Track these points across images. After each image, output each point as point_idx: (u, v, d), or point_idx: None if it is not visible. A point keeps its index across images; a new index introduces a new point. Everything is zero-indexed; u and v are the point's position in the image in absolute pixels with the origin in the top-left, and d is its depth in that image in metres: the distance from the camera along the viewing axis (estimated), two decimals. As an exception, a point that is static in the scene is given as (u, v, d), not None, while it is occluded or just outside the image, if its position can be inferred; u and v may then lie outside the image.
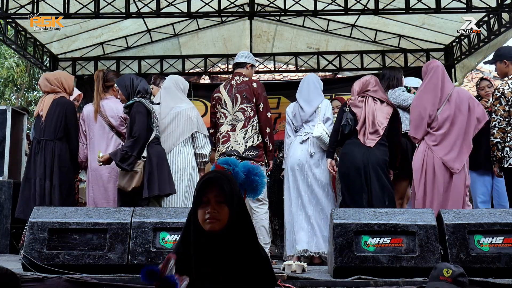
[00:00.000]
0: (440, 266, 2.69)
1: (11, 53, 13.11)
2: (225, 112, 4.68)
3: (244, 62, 4.86)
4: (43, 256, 3.32)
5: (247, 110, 4.60)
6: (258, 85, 4.67)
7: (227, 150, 4.56)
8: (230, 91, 4.71)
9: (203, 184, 2.01)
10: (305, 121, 4.79)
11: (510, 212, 3.43)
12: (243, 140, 4.55)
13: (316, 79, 5.06)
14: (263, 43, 8.46)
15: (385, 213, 3.39)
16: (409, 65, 8.19)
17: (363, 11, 6.52)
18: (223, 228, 1.97)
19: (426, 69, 4.29)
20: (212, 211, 1.95)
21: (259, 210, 4.60)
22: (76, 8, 6.37)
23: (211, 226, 1.96)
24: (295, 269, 3.55)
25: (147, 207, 3.94)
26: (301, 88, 4.97)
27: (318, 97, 4.87)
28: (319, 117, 4.75)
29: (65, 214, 3.47)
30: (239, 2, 7.05)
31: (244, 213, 2.05)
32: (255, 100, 4.62)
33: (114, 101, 4.56)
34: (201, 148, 4.54)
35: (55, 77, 4.76)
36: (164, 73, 8.24)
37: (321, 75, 9.90)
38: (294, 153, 4.73)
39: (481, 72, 12.48)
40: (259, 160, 4.58)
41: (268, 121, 4.66)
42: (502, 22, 6.40)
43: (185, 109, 4.55)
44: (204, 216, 1.96)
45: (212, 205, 1.96)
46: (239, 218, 1.99)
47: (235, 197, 2.01)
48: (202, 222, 1.97)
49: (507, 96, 4.31)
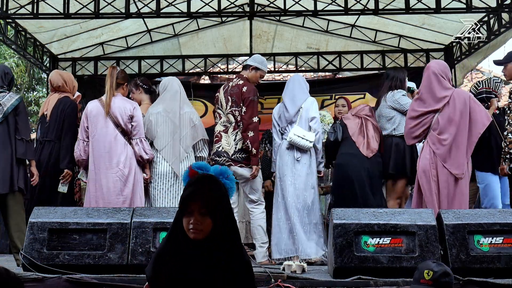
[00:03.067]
0: (422, 267, 2.56)
1: (11, 53, 13.12)
2: (220, 112, 4.75)
3: (248, 64, 4.89)
4: (43, 256, 3.32)
5: (235, 114, 4.64)
6: (248, 90, 4.66)
7: (217, 150, 4.61)
8: (226, 92, 4.75)
9: (188, 195, 2.03)
10: (290, 122, 4.80)
11: (510, 212, 3.43)
12: (233, 142, 4.60)
13: (302, 79, 5.14)
14: (263, 43, 8.46)
15: (385, 213, 3.39)
16: (409, 65, 8.19)
17: (363, 11, 6.52)
18: (206, 237, 1.99)
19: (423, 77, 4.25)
20: (195, 222, 1.97)
21: (255, 211, 4.62)
22: (76, 8, 6.37)
23: (194, 236, 1.98)
24: (295, 269, 3.55)
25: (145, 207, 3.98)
26: (287, 87, 5.03)
27: (302, 95, 4.90)
28: (299, 119, 4.76)
29: (65, 214, 3.47)
30: (239, 2, 7.05)
31: (229, 220, 2.06)
32: (242, 103, 4.62)
33: (122, 99, 4.57)
34: (200, 151, 4.63)
35: (69, 77, 4.93)
36: (164, 73, 8.26)
37: (321, 75, 9.93)
38: (281, 159, 4.78)
39: (481, 72, 12.48)
40: (248, 163, 4.60)
41: (249, 125, 4.60)
42: (502, 22, 6.40)
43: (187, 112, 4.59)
44: (188, 226, 1.99)
45: (195, 216, 1.97)
46: (223, 226, 2.01)
47: (219, 207, 2.02)
48: (187, 230, 2.00)
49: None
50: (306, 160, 4.73)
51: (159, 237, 3.39)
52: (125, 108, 4.49)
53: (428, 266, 2.54)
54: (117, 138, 4.43)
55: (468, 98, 4.08)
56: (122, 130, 4.46)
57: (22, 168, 4.29)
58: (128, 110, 4.48)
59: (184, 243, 2.01)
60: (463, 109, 4.02)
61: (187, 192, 2.04)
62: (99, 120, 4.46)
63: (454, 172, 3.96)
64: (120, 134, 4.45)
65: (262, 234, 4.61)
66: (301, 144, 4.67)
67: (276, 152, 4.87)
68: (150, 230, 3.39)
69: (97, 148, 4.40)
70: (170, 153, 4.47)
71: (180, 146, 4.49)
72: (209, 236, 1.99)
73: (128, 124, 4.48)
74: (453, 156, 3.98)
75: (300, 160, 4.70)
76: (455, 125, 4.00)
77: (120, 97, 4.57)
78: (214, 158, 4.71)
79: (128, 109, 4.48)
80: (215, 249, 1.99)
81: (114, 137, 4.42)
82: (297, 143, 4.67)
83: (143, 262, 3.30)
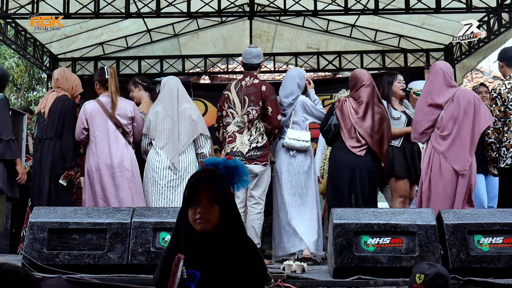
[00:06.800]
0: (415, 271, 2.51)
1: (11, 53, 13.12)
2: (233, 112, 4.71)
3: (257, 63, 4.89)
4: (43, 256, 3.32)
5: (251, 113, 4.63)
6: (267, 88, 4.70)
7: (232, 150, 4.60)
8: (239, 92, 4.73)
9: (195, 183, 1.99)
10: (286, 126, 4.84)
11: (510, 212, 3.43)
12: (248, 141, 4.61)
13: (296, 72, 5.10)
14: (263, 43, 8.45)
15: (385, 213, 3.39)
16: (409, 65, 8.18)
17: (363, 11, 6.52)
18: (213, 228, 1.95)
19: (430, 72, 4.33)
20: (203, 211, 1.93)
21: (252, 210, 4.59)
22: (76, 8, 6.37)
23: (202, 227, 1.94)
24: (295, 269, 3.56)
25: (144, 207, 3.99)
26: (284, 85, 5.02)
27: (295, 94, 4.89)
28: (290, 123, 4.79)
29: (65, 214, 3.47)
30: (239, 2, 7.05)
31: (235, 211, 2.04)
32: (262, 103, 4.65)
33: (122, 100, 4.59)
34: (202, 147, 4.59)
35: (72, 76, 4.90)
36: (164, 73, 8.25)
37: (321, 75, 9.91)
38: (279, 156, 4.80)
39: (481, 72, 12.47)
40: (263, 160, 4.61)
41: (278, 124, 4.72)
42: (502, 22, 6.40)
43: (186, 108, 4.58)
44: (195, 216, 1.94)
45: (203, 204, 1.94)
46: (230, 217, 1.98)
47: (226, 196, 2.00)
48: (193, 222, 1.96)
49: (503, 96, 4.36)
50: (302, 158, 4.74)
51: (159, 237, 3.39)
52: (125, 109, 4.54)
53: (420, 269, 2.49)
54: (118, 139, 4.46)
55: (473, 97, 4.15)
56: (123, 131, 4.49)
57: (3, 168, 4.27)
58: (129, 111, 4.55)
59: (189, 241, 1.97)
60: (467, 108, 4.07)
61: (192, 181, 2.00)
62: (100, 121, 4.47)
63: (457, 168, 3.99)
64: (121, 135, 4.49)
65: (254, 236, 4.58)
66: (298, 146, 4.71)
67: (273, 150, 4.88)
68: (150, 230, 3.39)
69: (100, 149, 4.42)
70: (170, 149, 4.47)
71: (178, 142, 4.49)
72: (217, 227, 1.95)
73: (129, 125, 4.54)
74: (455, 152, 4.01)
75: (296, 157, 4.72)
76: (458, 122, 4.05)
77: (121, 98, 4.62)
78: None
79: (129, 110, 4.55)
80: (223, 241, 1.94)
81: (116, 138, 4.45)
82: (293, 146, 4.72)
83: (143, 262, 3.31)
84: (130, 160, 4.47)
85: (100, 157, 4.40)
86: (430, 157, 4.12)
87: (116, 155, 4.40)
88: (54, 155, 4.51)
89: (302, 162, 4.74)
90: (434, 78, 4.23)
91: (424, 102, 4.21)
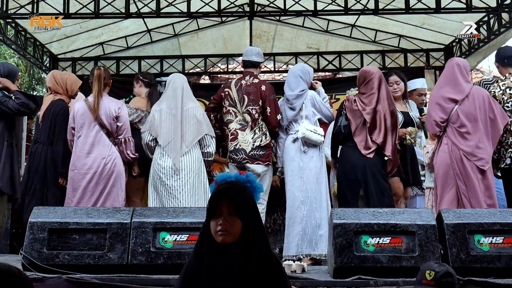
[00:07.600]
0: (423, 268, 2.53)
1: (11, 53, 13.11)
2: (235, 110, 4.72)
3: (257, 61, 4.86)
4: (43, 256, 3.32)
5: (252, 113, 4.63)
6: (266, 88, 4.70)
7: (235, 148, 4.61)
8: (239, 90, 4.74)
9: (216, 194, 1.99)
10: (294, 120, 4.75)
11: (510, 212, 3.43)
12: (251, 140, 4.62)
13: (297, 67, 5.02)
14: (263, 43, 8.45)
15: (385, 213, 3.39)
16: (409, 65, 8.19)
17: (363, 11, 6.52)
18: (235, 241, 1.94)
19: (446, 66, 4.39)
20: (224, 223, 1.92)
21: None
22: (76, 8, 6.37)
23: (223, 239, 1.93)
24: (295, 269, 3.55)
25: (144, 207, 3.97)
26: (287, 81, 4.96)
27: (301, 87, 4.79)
28: (303, 115, 4.69)
29: (65, 214, 3.47)
30: (239, 2, 7.05)
31: (258, 224, 2.01)
32: (262, 103, 4.64)
33: (108, 99, 4.57)
34: (207, 147, 4.54)
35: (62, 78, 4.81)
36: (164, 73, 8.25)
37: (321, 75, 9.91)
38: (288, 154, 4.69)
39: (481, 72, 12.47)
40: (265, 160, 4.60)
41: (277, 124, 4.70)
42: (502, 22, 6.40)
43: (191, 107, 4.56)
44: (216, 228, 1.94)
45: (224, 217, 1.93)
46: (252, 230, 1.96)
47: (248, 209, 1.98)
48: (214, 234, 1.95)
49: (498, 98, 4.40)
50: (313, 153, 4.63)
51: (159, 237, 3.38)
52: (109, 109, 4.49)
53: (430, 266, 2.52)
54: (101, 140, 4.44)
55: (486, 96, 4.20)
56: (107, 131, 4.48)
57: (5, 168, 4.30)
58: (113, 111, 4.49)
59: (211, 252, 1.95)
60: (482, 105, 4.13)
61: (214, 194, 2.00)
62: (85, 122, 4.47)
63: (479, 164, 4.02)
64: (105, 136, 4.46)
65: None
66: (314, 139, 4.57)
67: (281, 147, 4.82)
68: (150, 230, 3.39)
69: (79, 149, 4.42)
70: (173, 148, 4.45)
71: (182, 142, 4.46)
72: (238, 240, 1.94)
73: (113, 124, 4.50)
74: (477, 149, 4.04)
75: (307, 152, 4.61)
76: (476, 120, 4.09)
77: (106, 97, 4.58)
78: (231, 156, 4.72)
79: (113, 110, 4.50)
80: (245, 254, 1.93)
81: (98, 139, 4.44)
82: (309, 138, 4.57)
83: (143, 262, 3.31)
84: (112, 161, 4.42)
85: (77, 158, 4.40)
86: (446, 153, 4.11)
87: (93, 155, 4.39)
88: (46, 161, 4.51)
89: (313, 158, 4.62)
90: (451, 72, 4.26)
91: (439, 95, 4.24)
